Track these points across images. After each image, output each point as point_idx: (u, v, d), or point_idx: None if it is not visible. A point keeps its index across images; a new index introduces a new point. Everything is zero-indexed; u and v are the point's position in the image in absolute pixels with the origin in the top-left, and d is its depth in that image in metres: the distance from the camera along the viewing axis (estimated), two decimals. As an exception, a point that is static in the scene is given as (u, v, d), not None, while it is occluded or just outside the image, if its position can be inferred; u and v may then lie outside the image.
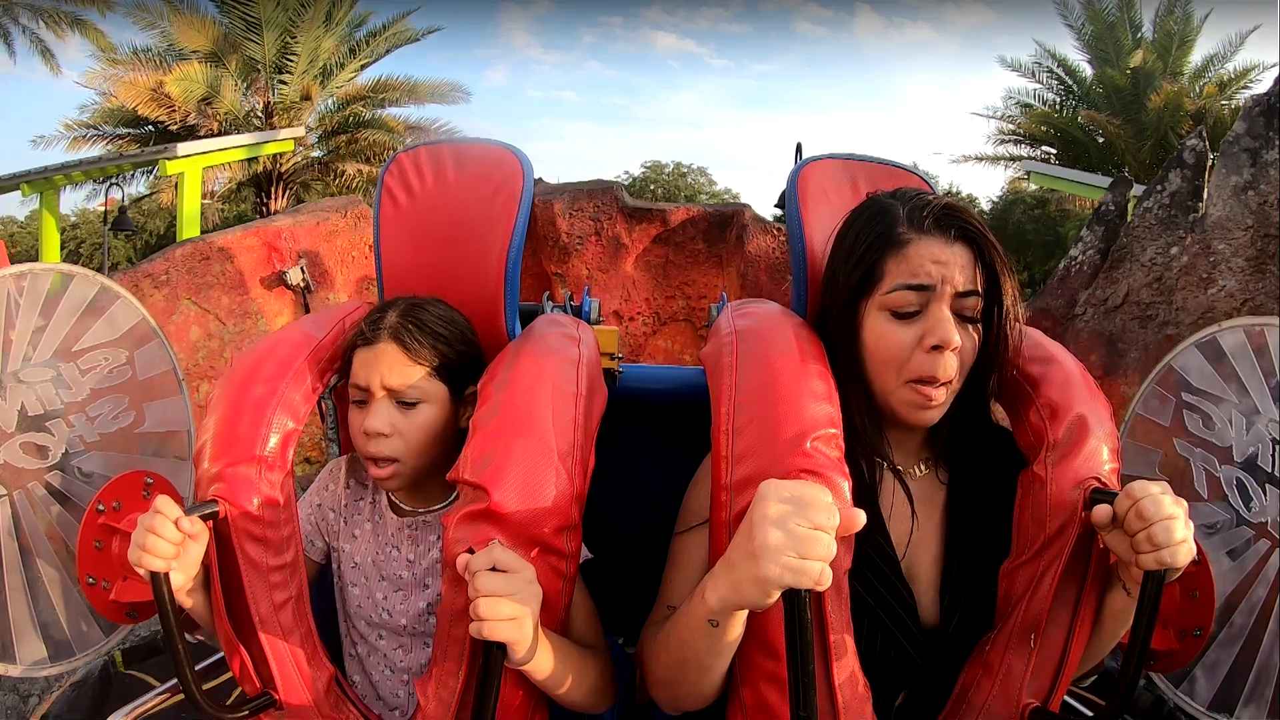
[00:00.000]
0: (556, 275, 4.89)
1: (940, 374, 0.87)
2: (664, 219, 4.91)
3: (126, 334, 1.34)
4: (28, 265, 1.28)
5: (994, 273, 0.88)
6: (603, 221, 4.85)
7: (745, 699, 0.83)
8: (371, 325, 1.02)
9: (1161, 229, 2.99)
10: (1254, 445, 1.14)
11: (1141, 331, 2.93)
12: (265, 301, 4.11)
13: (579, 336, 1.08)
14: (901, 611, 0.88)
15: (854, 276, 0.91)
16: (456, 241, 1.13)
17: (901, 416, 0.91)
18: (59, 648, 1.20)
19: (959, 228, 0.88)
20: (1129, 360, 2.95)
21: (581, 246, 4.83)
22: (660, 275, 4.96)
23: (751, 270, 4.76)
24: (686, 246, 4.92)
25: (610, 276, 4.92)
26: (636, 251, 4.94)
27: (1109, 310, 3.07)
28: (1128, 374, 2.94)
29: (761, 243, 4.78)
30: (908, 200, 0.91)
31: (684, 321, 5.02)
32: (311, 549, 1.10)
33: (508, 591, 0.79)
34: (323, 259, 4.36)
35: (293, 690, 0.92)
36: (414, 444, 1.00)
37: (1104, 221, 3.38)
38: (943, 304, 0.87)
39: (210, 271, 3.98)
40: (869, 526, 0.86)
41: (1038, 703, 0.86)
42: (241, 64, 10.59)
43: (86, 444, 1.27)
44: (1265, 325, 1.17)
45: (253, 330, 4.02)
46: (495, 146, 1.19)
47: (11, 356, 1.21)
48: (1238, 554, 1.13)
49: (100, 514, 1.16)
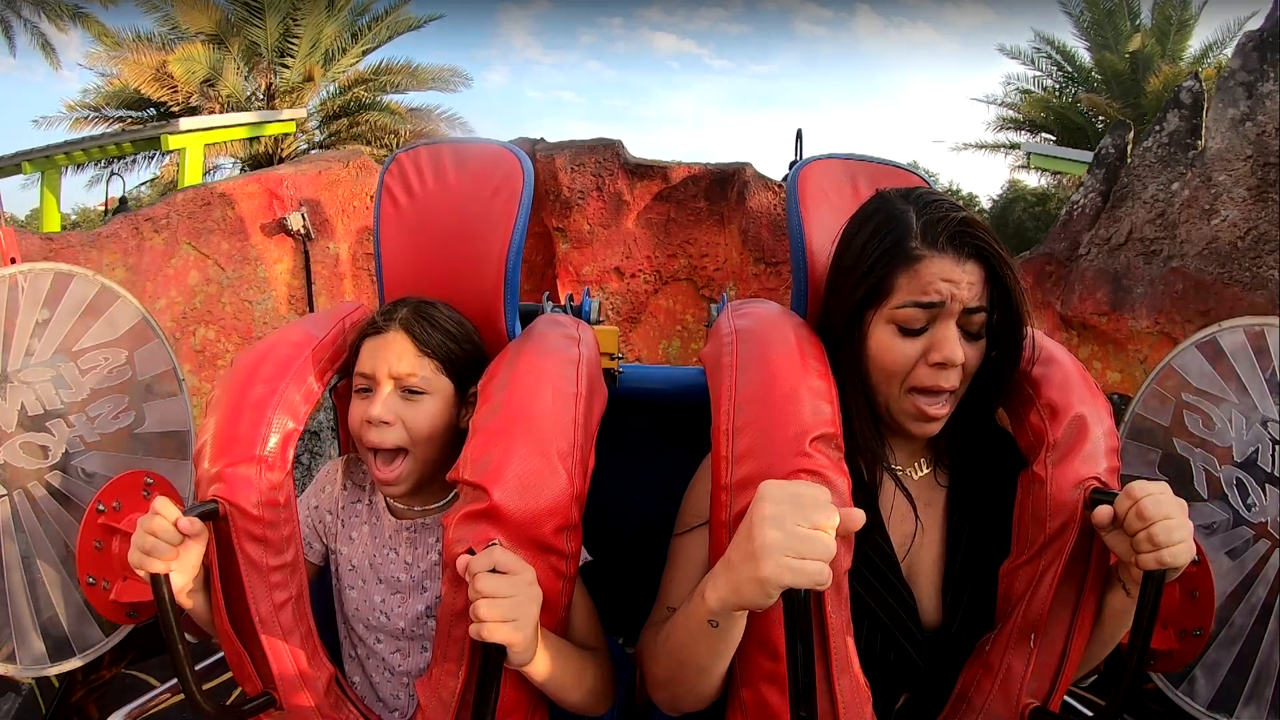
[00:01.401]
0: (558, 230, 4.87)
1: (944, 383, 0.88)
2: (665, 176, 4.91)
3: (126, 334, 1.34)
4: (28, 265, 1.28)
5: (1005, 290, 0.88)
6: (604, 178, 4.85)
7: (745, 699, 0.83)
8: (384, 315, 1.03)
9: (1162, 167, 3.03)
10: (1254, 445, 1.14)
11: (1146, 267, 2.96)
12: (265, 248, 4.08)
13: (579, 336, 1.08)
14: (901, 612, 0.88)
15: (862, 287, 0.89)
16: (456, 241, 1.13)
17: (903, 426, 0.92)
18: (59, 648, 1.20)
19: (973, 245, 0.86)
20: (1135, 295, 2.98)
21: (583, 201, 4.82)
22: (662, 233, 4.95)
23: (753, 226, 4.74)
24: (688, 205, 4.91)
25: (612, 233, 4.90)
26: (638, 209, 4.93)
27: (1113, 249, 3.10)
28: (1135, 309, 2.97)
29: (763, 199, 4.76)
30: (922, 211, 0.88)
31: (685, 281, 5.01)
32: (309, 551, 1.10)
33: (508, 594, 0.79)
34: (324, 207, 4.34)
35: (293, 690, 0.92)
36: (418, 435, 0.99)
37: (1104, 165, 3.41)
38: (950, 321, 0.86)
39: (211, 217, 3.94)
40: (868, 527, 0.86)
41: (1038, 703, 0.86)
42: (244, 48, 10.63)
43: (86, 444, 1.27)
44: (1265, 325, 1.17)
45: (252, 276, 3.99)
46: (495, 146, 1.19)
47: (11, 356, 1.21)
48: (1238, 554, 1.13)
49: (100, 514, 1.16)
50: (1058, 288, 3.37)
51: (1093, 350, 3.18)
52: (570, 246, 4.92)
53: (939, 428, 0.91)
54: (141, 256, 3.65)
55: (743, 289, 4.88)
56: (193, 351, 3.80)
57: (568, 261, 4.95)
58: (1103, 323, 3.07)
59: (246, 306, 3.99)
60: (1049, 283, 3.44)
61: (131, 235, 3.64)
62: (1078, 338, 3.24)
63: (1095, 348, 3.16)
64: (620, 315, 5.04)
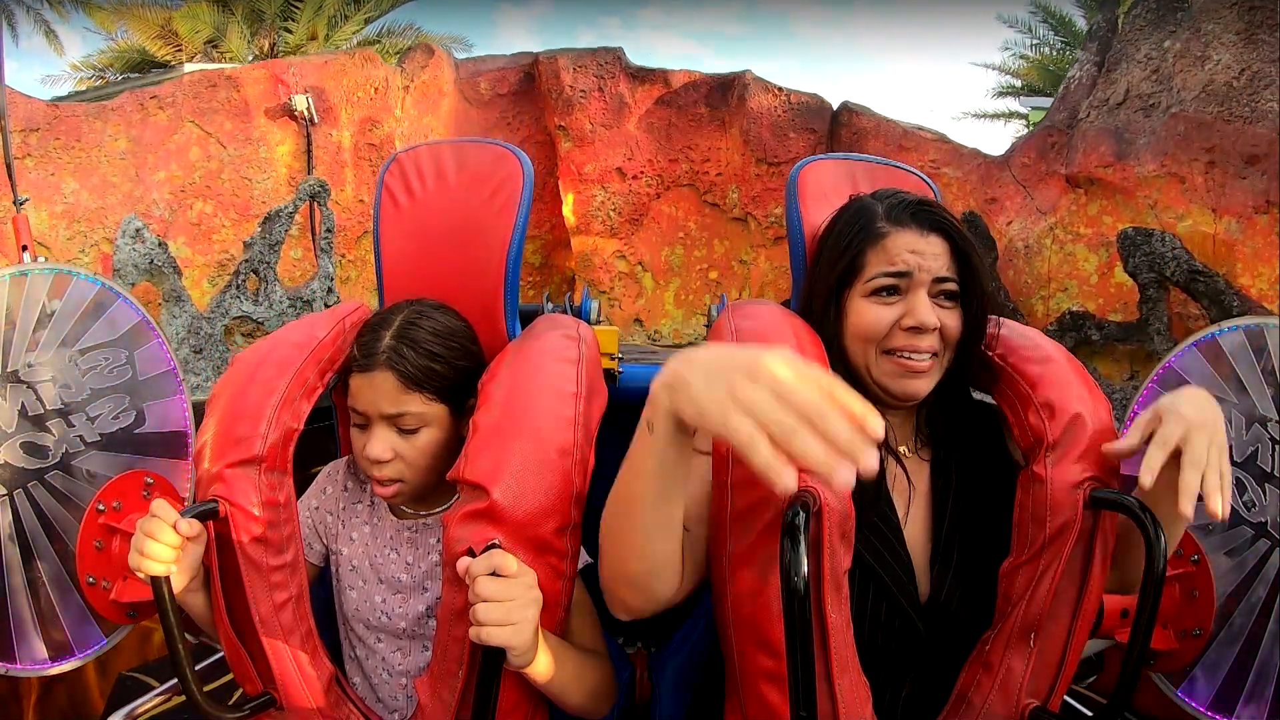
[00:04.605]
0: (560, 129, 4.88)
1: (920, 344, 0.91)
2: (666, 80, 4.97)
3: (126, 334, 1.34)
4: (28, 265, 1.28)
5: (968, 263, 0.94)
6: (605, 80, 4.89)
7: (745, 699, 0.83)
8: (365, 351, 0.99)
9: (1153, 28, 3.13)
10: (1254, 445, 1.14)
11: (1146, 120, 3.05)
12: (268, 130, 4.10)
13: (579, 337, 1.08)
14: (903, 575, 0.89)
15: (838, 268, 0.95)
16: (456, 241, 1.13)
17: (888, 390, 0.93)
18: (59, 648, 1.20)
19: (932, 220, 0.93)
20: (1139, 146, 3.06)
21: (585, 100, 4.85)
22: (663, 137, 4.98)
23: (754, 127, 4.75)
24: (689, 110, 4.95)
25: (613, 133, 4.94)
26: (639, 112, 4.97)
27: (1112, 108, 3.21)
28: (1140, 156, 3.03)
29: (763, 100, 4.79)
30: (885, 197, 0.98)
31: (688, 187, 5.04)
32: (310, 552, 1.10)
33: (507, 597, 0.79)
34: (328, 95, 4.35)
35: (293, 690, 0.92)
36: (417, 465, 0.99)
37: (1097, 38, 3.53)
38: (921, 290, 0.92)
39: (216, 98, 3.95)
40: (875, 496, 0.87)
41: (1038, 703, 0.86)
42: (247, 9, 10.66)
43: (86, 444, 1.27)
44: (1265, 325, 1.17)
45: (253, 156, 4.00)
46: (495, 146, 1.19)
47: (11, 356, 1.22)
48: (1238, 554, 1.13)
49: (100, 514, 1.16)
50: (1061, 155, 3.40)
51: (1102, 205, 3.19)
52: (572, 145, 4.92)
53: (926, 385, 0.93)
54: (145, 130, 3.66)
55: (745, 190, 4.86)
56: (189, 224, 3.81)
57: (569, 160, 4.94)
58: (1109, 174, 3.10)
59: (246, 184, 4.01)
60: (1052, 153, 3.47)
61: (136, 109, 3.65)
62: (1085, 194, 3.25)
63: (1104, 202, 3.18)
64: (622, 217, 5.01)
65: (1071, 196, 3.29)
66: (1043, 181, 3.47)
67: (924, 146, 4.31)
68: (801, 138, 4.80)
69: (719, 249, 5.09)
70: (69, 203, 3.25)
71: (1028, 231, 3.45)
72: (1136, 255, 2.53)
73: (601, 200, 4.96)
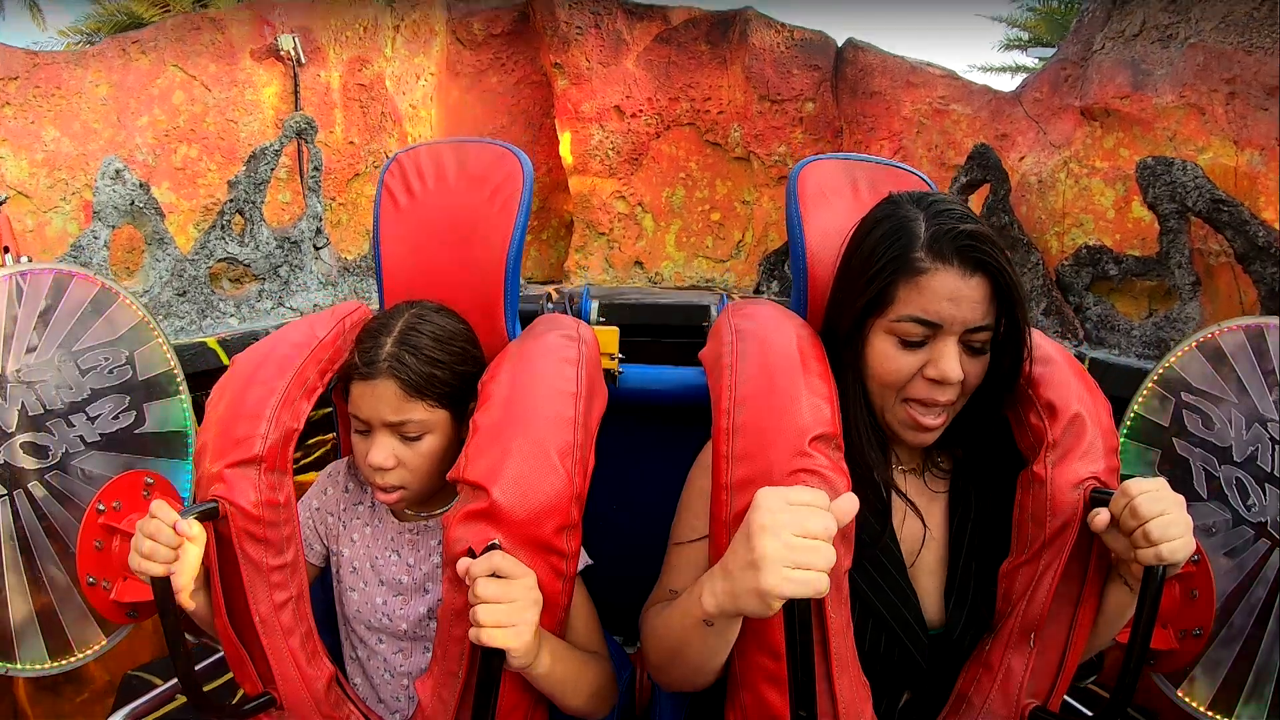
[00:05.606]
0: (556, 66, 4.79)
1: (939, 397, 0.88)
2: (665, 17, 4.87)
3: (126, 334, 1.34)
4: (28, 265, 1.28)
5: (1012, 310, 0.88)
6: (602, 16, 4.80)
7: (745, 699, 0.83)
8: (366, 357, 0.98)
9: None
10: (1254, 445, 1.14)
11: (1164, 51, 2.84)
12: (254, 72, 4.01)
13: (579, 336, 1.08)
14: (907, 614, 0.88)
15: (867, 294, 0.89)
16: (456, 241, 1.13)
17: (898, 435, 0.92)
18: (59, 648, 1.20)
19: (978, 259, 0.84)
20: (1156, 76, 2.87)
21: (581, 36, 4.76)
22: (663, 76, 4.88)
23: (757, 64, 4.67)
24: (689, 48, 4.86)
25: (611, 71, 4.83)
26: (638, 50, 4.88)
27: (1128, 39, 2.99)
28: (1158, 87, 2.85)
29: (765, 36, 4.69)
30: (932, 220, 0.87)
31: (689, 126, 4.93)
32: (310, 552, 1.10)
33: (508, 599, 0.79)
34: (316, 34, 4.25)
35: (293, 690, 0.92)
36: (420, 471, 1.00)
37: None
38: (951, 339, 0.86)
39: (200, 40, 3.86)
40: (878, 530, 0.86)
41: (1038, 703, 0.86)
42: None
43: (86, 444, 1.27)
44: (1265, 325, 1.17)
45: (239, 99, 3.93)
46: (495, 146, 1.19)
47: (11, 356, 1.21)
48: (1237, 554, 1.13)
49: (100, 514, 1.16)
50: (1075, 88, 3.22)
51: (1118, 138, 3.02)
52: (569, 83, 4.82)
53: (933, 438, 0.91)
54: (126, 75, 3.59)
55: (747, 129, 4.75)
56: (173, 169, 3.74)
57: (566, 98, 4.83)
58: (1125, 105, 2.93)
59: (231, 127, 3.95)
60: (1065, 85, 3.30)
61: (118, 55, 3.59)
62: (1101, 127, 3.08)
63: (1121, 134, 3.01)
64: (621, 156, 4.90)
65: (1087, 129, 3.13)
66: (1056, 115, 3.32)
67: (932, 83, 4.13)
68: (805, 74, 4.67)
69: (721, 189, 4.96)
70: (49, 150, 3.20)
71: (1041, 166, 3.27)
72: (1157, 185, 2.37)
73: (599, 139, 4.85)
